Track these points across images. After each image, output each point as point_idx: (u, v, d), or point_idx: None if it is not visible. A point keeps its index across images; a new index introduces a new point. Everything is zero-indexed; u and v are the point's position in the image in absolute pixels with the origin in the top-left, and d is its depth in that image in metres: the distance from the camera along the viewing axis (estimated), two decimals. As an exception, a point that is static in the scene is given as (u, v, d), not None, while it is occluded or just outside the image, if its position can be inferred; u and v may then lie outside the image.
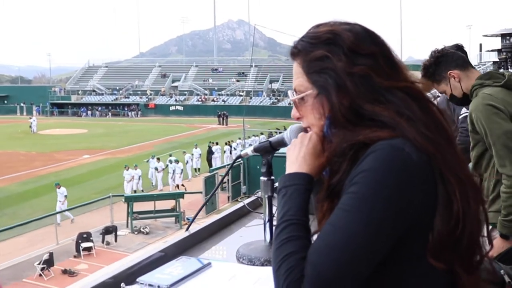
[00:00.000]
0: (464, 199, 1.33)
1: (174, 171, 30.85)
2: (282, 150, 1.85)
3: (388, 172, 1.26)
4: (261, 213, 2.76)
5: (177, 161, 31.01)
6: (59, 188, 24.92)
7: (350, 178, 1.31)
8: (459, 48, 5.06)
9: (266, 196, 2.02)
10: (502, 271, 1.64)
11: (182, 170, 31.33)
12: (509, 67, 9.52)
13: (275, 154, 2.00)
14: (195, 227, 2.31)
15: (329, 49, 1.44)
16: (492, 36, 8.50)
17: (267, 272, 1.78)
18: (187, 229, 2.29)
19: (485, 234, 1.43)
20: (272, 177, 2.01)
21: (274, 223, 2.03)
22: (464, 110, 4.62)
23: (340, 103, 1.40)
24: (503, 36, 7.84)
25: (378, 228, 1.24)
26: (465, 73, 3.80)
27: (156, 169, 31.16)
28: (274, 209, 1.45)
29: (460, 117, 4.87)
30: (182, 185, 30.63)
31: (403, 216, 1.27)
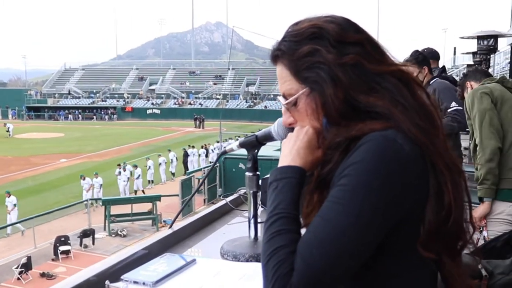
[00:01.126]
0: (455, 189, 1.33)
1: (128, 178, 30.54)
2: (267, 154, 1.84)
3: (379, 163, 1.25)
4: (244, 210, 2.78)
5: (135, 166, 30.73)
6: (8, 196, 24.58)
7: (341, 170, 1.29)
8: (432, 52, 5.61)
9: (251, 191, 1.99)
10: (479, 266, 1.66)
11: (139, 175, 30.88)
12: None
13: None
14: (178, 225, 2.31)
15: (316, 43, 1.40)
16: (468, 38, 8.57)
17: (252, 268, 1.80)
18: (170, 227, 2.29)
19: (468, 219, 1.40)
20: (258, 173, 1.99)
21: (259, 219, 2.06)
22: (454, 103, 5.28)
23: (335, 97, 1.36)
24: (479, 38, 7.92)
25: (369, 220, 1.22)
26: (478, 84, 4.64)
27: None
28: (266, 206, 1.42)
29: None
30: (143, 190, 30.36)
31: (394, 208, 1.26)
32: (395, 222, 1.27)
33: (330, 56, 1.38)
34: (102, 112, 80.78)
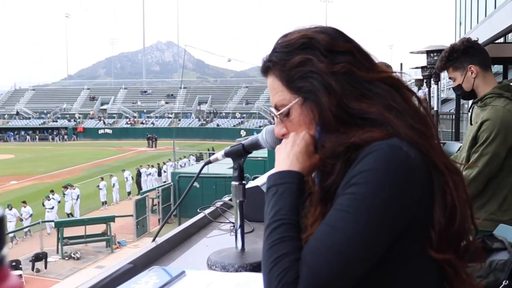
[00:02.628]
0: (455, 188, 1.35)
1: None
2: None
3: (388, 171, 1.25)
4: (221, 222, 2.77)
5: (71, 186, 30.33)
6: None
7: (347, 180, 1.28)
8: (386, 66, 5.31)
9: (238, 201, 1.97)
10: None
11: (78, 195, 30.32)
12: (432, 83, 9.90)
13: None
14: (160, 239, 2.29)
15: (307, 53, 1.42)
16: (418, 53, 8.83)
17: (244, 278, 1.79)
18: (153, 240, 2.27)
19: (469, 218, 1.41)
20: (244, 182, 1.97)
21: (245, 229, 2.06)
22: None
23: (330, 104, 1.37)
24: (429, 52, 8.18)
25: (378, 229, 1.23)
26: (483, 74, 3.88)
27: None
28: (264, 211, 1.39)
29: None
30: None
31: (403, 215, 1.27)
32: (403, 228, 1.28)
33: (322, 65, 1.39)
34: (54, 133, 79.48)
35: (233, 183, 1.97)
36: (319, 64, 1.40)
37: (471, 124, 3.97)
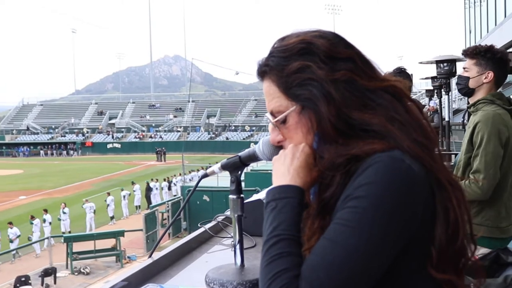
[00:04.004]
0: (458, 205, 1.30)
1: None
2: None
3: (390, 185, 1.20)
4: (223, 237, 2.71)
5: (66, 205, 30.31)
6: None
7: (347, 193, 1.23)
8: (401, 72, 5.29)
9: (236, 215, 1.91)
10: (471, 285, 1.63)
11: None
12: (443, 93, 9.85)
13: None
14: (158, 254, 2.23)
15: (306, 59, 1.35)
16: (427, 63, 8.71)
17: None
18: (150, 256, 2.20)
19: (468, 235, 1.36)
20: (242, 195, 1.90)
21: (245, 245, 1.99)
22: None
23: (330, 114, 1.31)
24: (438, 62, 8.06)
25: (379, 244, 1.18)
26: (492, 85, 4.00)
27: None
28: (266, 228, 1.32)
29: None
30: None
31: (405, 230, 1.22)
32: (404, 244, 1.23)
33: (321, 72, 1.33)
34: (62, 148, 79.85)
35: (231, 196, 1.90)
36: (318, 71, 1.33)
37: (464, 130, 4.12)
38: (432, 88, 12.19)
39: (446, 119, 10.04)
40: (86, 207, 29.88)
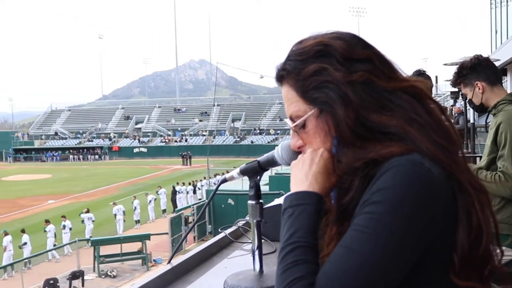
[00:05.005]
0: (481, 209, 1.25)
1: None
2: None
3: (409, 189, 1.15)
4: (244, 243, 2.69)
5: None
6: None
7: (365, 198, 1.19)
8: (421, 74, 5.28)
9: (255, 221, 1.87)
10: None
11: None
12: (467, 96, 9.70)
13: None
14: (177, 260, 2.22)
15: (322, 61, 1.32)
16: (452, 64, 8.55)
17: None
18: (169, 262, 2.19)
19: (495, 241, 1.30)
20: (261, 201, 1.87)
21: (263, 251, 1.98)
22: None
23: (347, 117, 1.27)
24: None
25: (397, 251, 1.13)
26: (491, 88, 4.03)
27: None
28: (280, 234, 1.32)
29: None
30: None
31: (424, 236, 1.16)
32: (424, 250, 1.19)
33: (338, 74, 1.30)
34: (90, 152, 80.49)
35: (250, 202, 1.87)
36: (335, 73, 1.30)
37: (487, 132, 4.08)
38: (457, 90, 12.05)
39: (471, 121, 9.88)
40: (115, 209, 30.22)
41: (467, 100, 4.22)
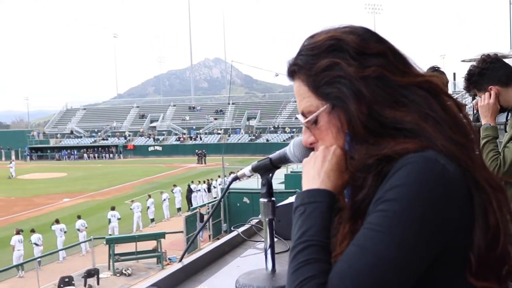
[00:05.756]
0: (499, 208, 1.21)
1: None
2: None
3: (423, 187, 1.12)
4: (257, 241, 2.66)
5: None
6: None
7: (378, 196, 1.16)
8: (436, 70, 5.18)
9: (267, 219, 1.84)
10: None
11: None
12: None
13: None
14: (188, 259, 2.19)
15: (335, 56, 1.30)
16: (470, 61, 8.44)
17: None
18: (180, 260, 2.16)
19: None
20: (273, 198, 1.84)
21: (276, 249, 1.94)
22: None
23: (360, 113, 1.25)
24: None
25: (411, 250, 1.11)
26: (506, 88, 3.86)
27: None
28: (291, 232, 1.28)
29: None
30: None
31: (440, 235, 1.14)
32: (439, 250, 1.16)
33: (351, 69, 1.27)
34: (104, 151, 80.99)
35: (262, 200, 1.84)
36: (347, 68, 1.28)
37: (505, 131, 3.95)
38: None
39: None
40: (134, 206, 30.58)
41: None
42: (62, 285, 19.30)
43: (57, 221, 26.57)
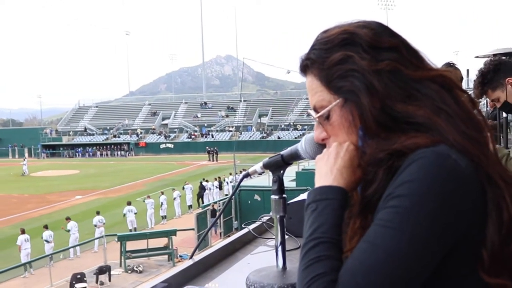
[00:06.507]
0: None
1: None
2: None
3: (434, 182, 1.10)
4: (268, 238, 2.65)
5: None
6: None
7: (388, 192, 1.14)
8: (451, 66, 5.12)
9: (278, 216, 1.82)
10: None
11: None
12: (500, 98, 9.47)
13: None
14: (199, 255, 2.18)
15: (347, 49, 1.29)
16: (484, 57, 8.37)
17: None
18: (190, 257, 2.15)
19: None
20: (284, 195, 1.82)
21: (287, 247, 1.92)
22: None
23: (372, 107, 1.24)
24: (496, 56, 7.75)
25: (423, 246, 1.09)
26: None
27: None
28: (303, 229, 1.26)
29: None
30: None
31: (451, 231, 1.12)
32: (451, 246, 1.14)
33: (364, 62, 1.26)
34: (116, 148, 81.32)
35: (273, 196, 1.82)
36: (360, 62, 1.26)
37: None
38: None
39: (504, 114, 9.72)
40: (148, 203, 30.83)
41: (501, 106, 3.92)
42: (74, 282, 19.37)
43: (67, 219, 26.65)
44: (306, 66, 1.38)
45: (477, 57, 9.65)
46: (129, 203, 29.74)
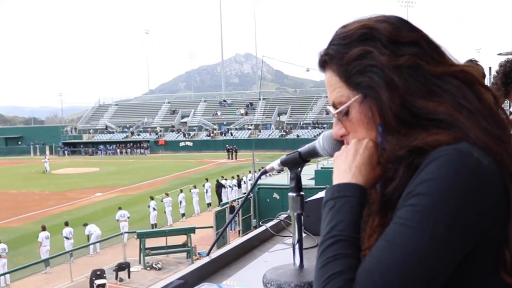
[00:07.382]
0: None
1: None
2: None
3: (455, 180, 1.07)
4: (285, 236, 2.63)
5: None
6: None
7: (409, 190, 1.12)
8: (472, 63, 5.06)
9: (295, 214, 1.80)
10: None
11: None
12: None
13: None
14: (216, 253, 2.17)
15: (367, 44, 1.26)
16: (507, 54, 8.26)
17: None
18: (207, 254, 2.14)
19: None
20: (302, 193, 1.80)
21: (304, 245, 1.90)
22: None
23: (392, 102, 1.21)
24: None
25: (444, 246, 1.06)
26: None
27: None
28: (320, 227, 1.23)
29: None
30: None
31: (473, 230, 1.09)
32: (473, 245, 1.11)
33: (383, 58, 1.23)
34: (136, 146, 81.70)
35: (290, 194, 1.80)
36: (380, 57, 1.24)
37: None
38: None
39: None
40: (166, 201, 31.03)
41: None
42: (94, 278, 19.48)
43: (85, 225, 26.72)
44: (324, 62, 1.35)
45: (499, 54, 9.54)
46: (152, 198, 30.25)
